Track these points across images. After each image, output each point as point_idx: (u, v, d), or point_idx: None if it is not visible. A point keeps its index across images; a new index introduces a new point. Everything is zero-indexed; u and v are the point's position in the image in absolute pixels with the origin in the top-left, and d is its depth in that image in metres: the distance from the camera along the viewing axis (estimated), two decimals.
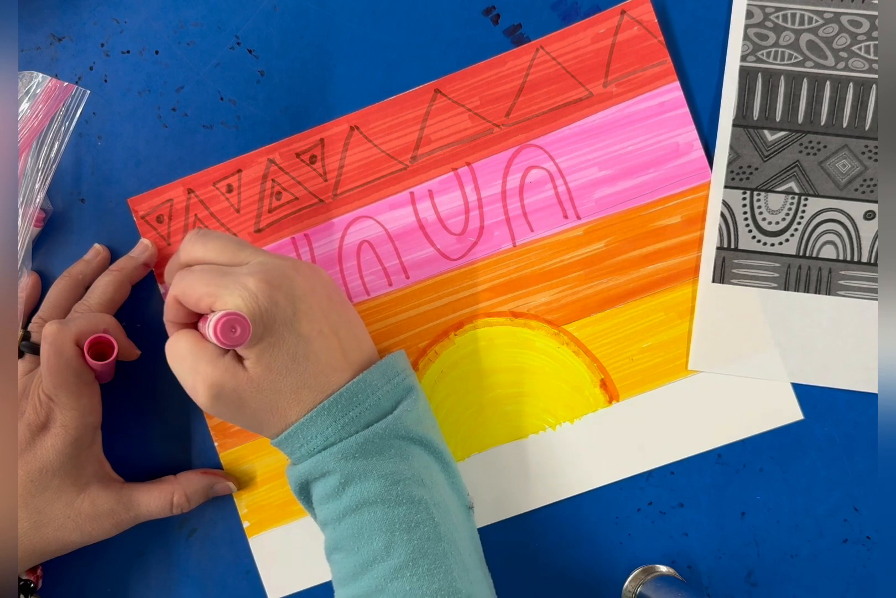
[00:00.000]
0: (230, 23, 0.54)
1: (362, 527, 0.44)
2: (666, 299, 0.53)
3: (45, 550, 0.49)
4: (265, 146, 0.53)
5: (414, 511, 0.44)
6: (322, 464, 0.44)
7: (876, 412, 0.52)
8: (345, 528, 0.44)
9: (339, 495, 0.44)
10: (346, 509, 0.44)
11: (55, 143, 0.49)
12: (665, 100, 0.53)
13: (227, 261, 0.46)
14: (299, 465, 0.45)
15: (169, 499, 0.50)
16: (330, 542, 0.46)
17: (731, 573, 0.52)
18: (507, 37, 0.53)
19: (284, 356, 0.44)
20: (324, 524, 0.46)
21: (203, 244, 0.46)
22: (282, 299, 0.44)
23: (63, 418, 0.47)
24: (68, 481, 0.48)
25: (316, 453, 0.45)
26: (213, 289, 0.43)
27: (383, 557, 0.43)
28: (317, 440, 0.45)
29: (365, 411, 0.45)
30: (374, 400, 0.45)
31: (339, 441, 0.44)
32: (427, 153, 0.53)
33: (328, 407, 0.44)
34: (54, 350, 0.46)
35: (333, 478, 0.44)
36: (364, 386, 0.45)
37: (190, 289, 0.44)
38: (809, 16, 0.52)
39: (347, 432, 0.44)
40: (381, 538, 0.43)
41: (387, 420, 0.45)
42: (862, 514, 0.52)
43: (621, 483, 0.53)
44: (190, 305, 0.45)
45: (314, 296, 0.45)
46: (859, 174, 0.52)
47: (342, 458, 0.44)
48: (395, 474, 0.44)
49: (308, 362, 0.44)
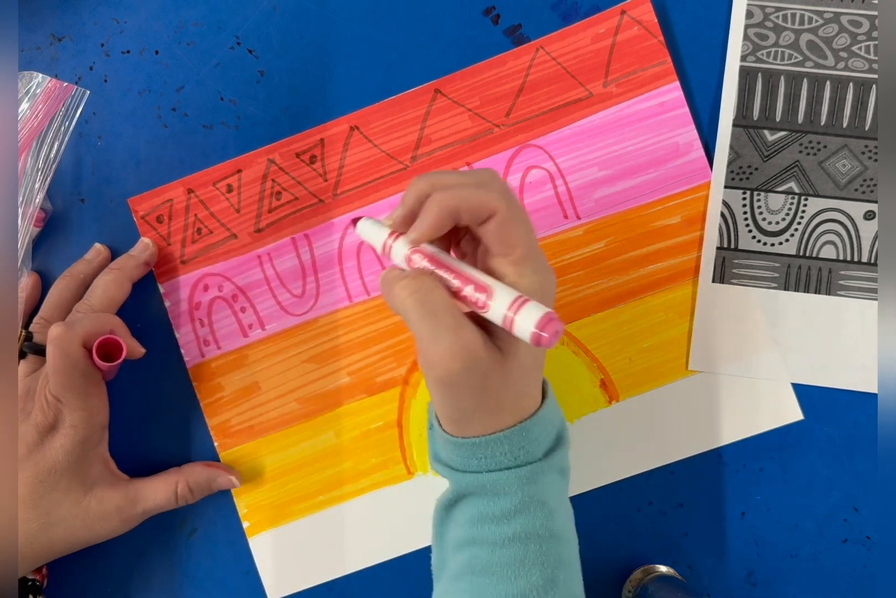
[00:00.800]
0: (230, 23, 0.54)
1: (525, 558, 0.41)
2: (666, 298, 0.53)
3: (53, 549, 0.49)
4: (265, 146, 0.53)
5: (563, 548, 0.42)
6: (504, 483, 0.41)
7: (876, 412, 0.52)
8: (505, 554, 0.41)
9: (508, 519, 0.41)
10: (514, 536, 0.41)
11: (55, 143, 0.49)
12: (665, 100, 0.53)
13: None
14: (471, 474, 0.42)
15: (173, 490, 0.50)
16: (475, 563, 0.42)
17: (731, 573, 0.52)
18: (507, 37, 0.53)
19: (533, 359, 0.41)
20: (473, 543, 0.42)
21: (512, 206, 0.40)
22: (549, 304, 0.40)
23: (72, 418, 0.47)
24: (76, 480, 0.48)
25: (496, 470, 0.42)
26: (533, 253, 0.39)
27: (541, 593, 0.41)
28: (504, 457, 0.41)
29: (538, 439, 0.42)
30: (550, 428, 0.43)
31: (516, 465, 0.41)
32: (427, 153, 0.53)
33: (528, 428, 0.41)
34: (61, 352, 0.46)
35: (505, 500, 0.41)
36: (549, 415, 0.43)
37: (519, 228, 0.39)
38: (809, 16, 0.52)
39: (526, 457, 0.42)
40: (542, 574, 0.41)
41: (559, 452, 0.43)
42: (862, 514, 0.52)
43: (621, 483, 0.53)
44: (500, 237, 0.39)
45: None
46: (859, 174, 0.52)
47: (526, 482, 0.41)
48: (555, 512, 0.42)
49: (540, 373, 0.42)
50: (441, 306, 0.39)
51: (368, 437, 0.53)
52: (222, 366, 0.54)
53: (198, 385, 0.54)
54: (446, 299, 0.39)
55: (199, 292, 0.54)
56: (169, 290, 0.54)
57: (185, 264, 0.54)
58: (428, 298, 0.39)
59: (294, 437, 0.53)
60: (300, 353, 0.53)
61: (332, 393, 0.53)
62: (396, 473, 0.53)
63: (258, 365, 0.54)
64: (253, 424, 0.53)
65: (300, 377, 0.53)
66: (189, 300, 0.54)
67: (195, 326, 0.54)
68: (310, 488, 0.53)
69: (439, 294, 0.39)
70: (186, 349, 0.54)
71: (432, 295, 0.39)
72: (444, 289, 0.39)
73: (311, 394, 0.53)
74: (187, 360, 0.54)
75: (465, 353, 0.38)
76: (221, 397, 0.54)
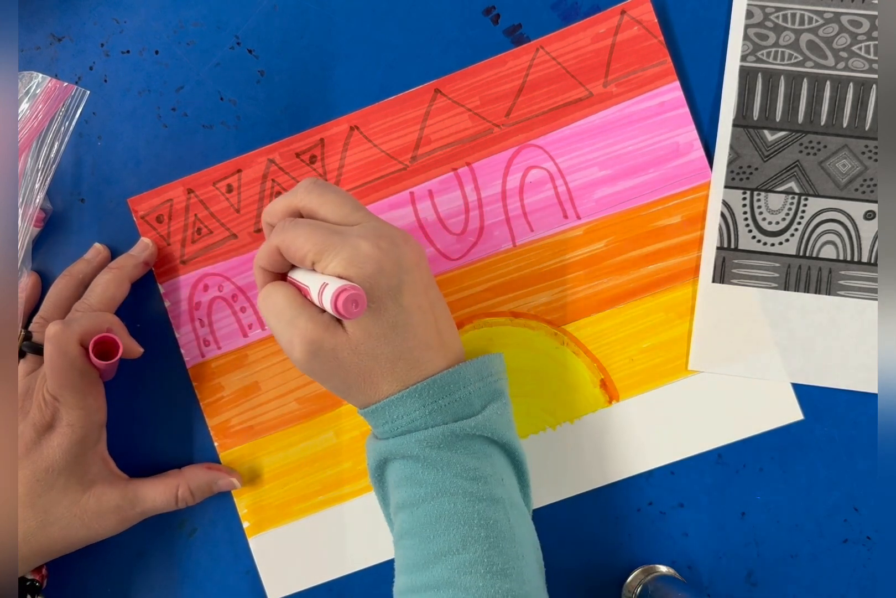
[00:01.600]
0: (230, 23, 0.54)
1: (440, 516, 0.43)
2: (666, 299, 0.53)
3: (51, 548, 0.49)
4: (265, 146, 0.53)
5: (493, 509, 0.43)
6: (406, 447, 0.44)
7: (876, 412, 0.52)
8: (421, 514, 0.43)
9: (419, 480, 0.44)
10: (426, 495, 0.43)
11: (55, 143, 0.49)
12: (665, 100, 0.53)
13: (340, 220, 0.44)
14: (382, 441, 0.45)
15: (173, 493, 0.50)
16: (403, 526, 0.44)
17: (731, 573, 0.52)
18: (507, 37, 0.53)
19: (384, 324, 0.43)
20: (399, 507, 0.45)
21: (320, 196, 0.45)
22: (389, 268, 0.43)
23: (69, 417, 0.47)
24: (74, 479, 0.48)
25: (400, 434, 0.44)
26: (321, 247, 0.42)
27: (458, 550, 0.42)
28: (402, 420, 0.44)
29: (454, 403, 0.44)
30: (464, 394, 0.44)
31: (424, 427, 0.44)
32: (427, 153, 0.53)
33: (420, 390, 0.44)
34: (58, 351, 0.46)
35: (415, 463, 0.44)
36: (458, 378, 0.44)
37: (297, 242, 0.43)
38: (809, 16, 0.52)
39: (434, 420, 0.44)
40: (458, 531, 0.43)
41: (476, 418, 0.44)
42: (862, 514, 0.52)
43: (621, 483, 0.53)
44: (292, 257, 0.44)
45: (419, 270, 0.45)
46: (859, 174, 0.52)
47: (427, 445, 0.43)
48: (478, 471, 0.44)
49: (406, 334, 0.44)
50: (280, 307, 0.44)
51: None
52: (222, 366, 0.54)
53: (198, 385, 0.54)
54: (286, 300, 0.44)
55: (199, 292, 0.54)
56: (169, 290, 0.54)
57: (185, 264, 0.54)
58: (271, 303, 0.44)
59: (294, 437, 0.53)
60: None
61: (332, 393, 0.53)
62: None
63: (258, 365, 0.54)
64: (253, 424, 0.53)
65: (300, 377, 0.53)
66: (189, 300, 0.54)
67: (195, 326, 0.54)
68: (310, 489, 0.53)
69: (279, 297, 0.44)
70: (186, 349, 0.54)
71: (274, 300, 0.44)
72: (285, 294, 0.44)
73: (311, 394, 0.53)
74: (187, 360, 0.54)
75: (302, 339, 0.43)
76: (221, 397, 0.54)
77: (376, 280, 0.42)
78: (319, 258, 0.43)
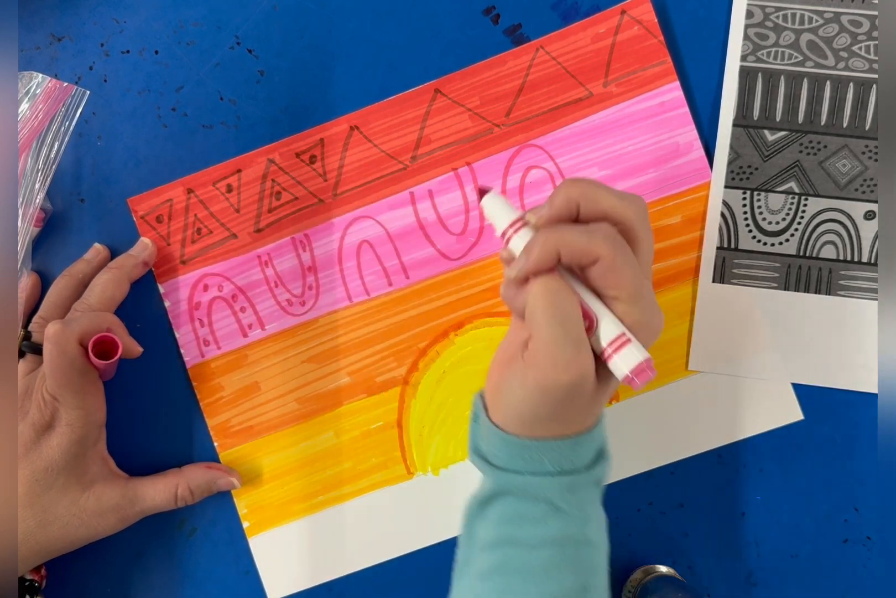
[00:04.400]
0: (230, 23, 0.54)
1: (561, 561, 0.41)
2: (666, 299, 0.53)
3: (51, 548, 0.49)
4: (265, 146, 0.53)
5: (593, 553, 0.42)
6: (546, 488, 0.42)
7: (876, 412, 0.52)
8: (541, 556, 0.41)
9: (546, 522, 0.42)
10: (552, 539, 0.42)
11: (55, 143, 0.49)
12: (665, 100, 0.53)
13: (644, 264, 0.40)
14: (513, 474, 0.42)
15: (173, 492, 0.50)
16: (508, 563, 0.42)
17: (731, 573, 0.52)
18: (507, 37, 0.53)
19: (616, 388, 0.42)
20: (506, 543, 0.42)
21: (650, 231, 0.40)
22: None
23: (69, 417, 0.47)
24: (73, 479, 0.48)
25: (543, 475, 0.42)
26: (637, 293, 0.38)
27: (578, 596, 0.41)
28: (557, 464, 0.42)
29: (586, 455, 0.43)
30: (595, 446, 0.43)
31: (561, 473, 0.42)
32: (427, 153, 0.53)
33: (577, 442, 0.42)
34: (58, 350, 0.46)
35: (548, 504, 0.42)
36: (600, 431, 0.43)
37: (625, 272, 0.38)
38: (809, 16, 0.52)
39: (568, 469, 0.42)
40: (576, 579, 0.41)
41: (602, 466, 0.43)
42: (862, 514, 0.52)
43: (621, 483, 0.53)
44: (606, 281, 0.39)
45: None
46: (859, 174, 0.52)
47: (568, 491, 0.42)
48: (592, 518, 0.43)
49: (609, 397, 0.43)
50: (571, 315, 0.38)
51: (368, 437, 0.53)
52: (222, 366, 0.54)
53: (198, 385, 0.54)
54: (577, 310, 0.39)
55: (198, 292, 0.54)
56: (169, 290, 0.54)
57: (184, 264, 0.54)
58: (560, 302, 0.38)
59: (294, 437, 0.53)
60: (300, 353, 0.53)
61: (332, 393, 0.53)
62: (396, 473, 0.53)
63: (258, 365, 0.54)
64: (253, 424, 0.53)
65: (300, 377, 0.53)
66: (189, 300, 0.54)
67: (195, 326, 0.54)
68: (310, 489, 0.53)
69: (572, 303, 0.39)
70: (186, 349, 0.54)
71: (565, 301, 0.39)
72: (574, 306, 0.39)
73: (311, 394, 0.53)
74: (187, 360, 0.54)
75: (579, 371, 0.38)
76: (221, 397, 0.54)
77: None
78: (628, 302, 0.39)
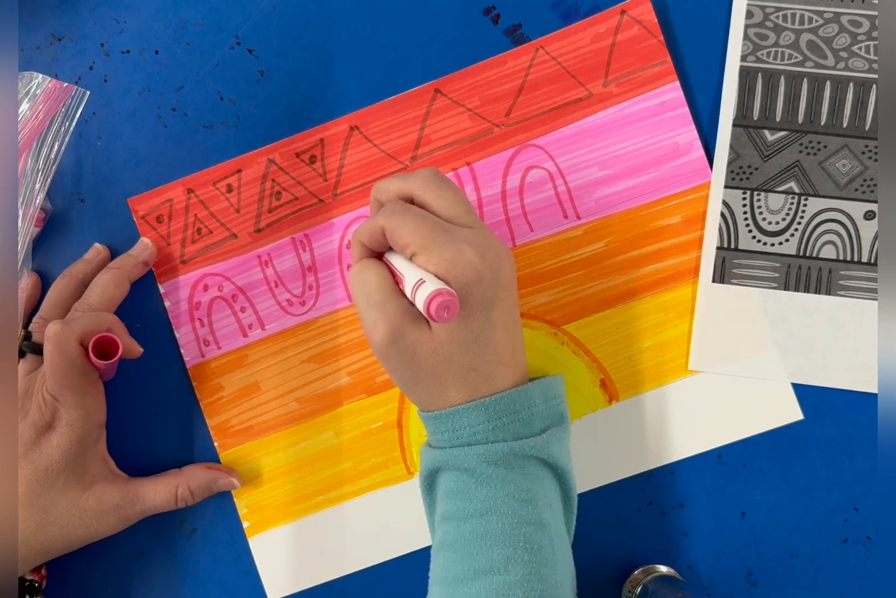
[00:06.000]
0: (230, 23, 0.54)
1: (486, 534, 0.43)
2: (666, 298, 0.53)
3: (51, 548, 0.49)
4: (265, 146, 0.53)
5: (539, 534, 0.43)
6: (463, 459, 0.44)
7: (876, 412, 0.52)
8: (467, 529, 0.43)
9: (470, 495, 0.43)
10: (475, 511, 0.43)
11: (55, 143, 0.49)
12: (665, 100, 0.53)
13: (451, 218, 0.44)
14: (438, 450, 0.45)
15: (173, 492, 0.50)
16: (445, 538, 0.44)
17: (731, 573, 0.52)
18: (507, 37, 0.53)
19: (469, 334, 0.43)
20: (444, 518, 0.45)
21: (438, 189, 0.44)
22: (488, 280, 0.42)
23: (69, 417, 0.47)
24: (73, 479, 0.48)
25: (459, 445, 0.44)
26: (427, 242, 0.42)
27: (500, 570, 0.42)
28: (464, 432, 0.44)
29: (517, 422, 0.44)
30: (527, 414, 0.44)
31: (485, 442, 0.44)
32: (427, 153, 0.53)
33: (487, 404, 0.43)
34: (58, 350, 0.46)
35: (469, 477, 0.44)
36: (524, 397, 0.44)
37: (403, 229, 0.43)
38: (809, 16, 0.52)
39: (495, 436, 0.44)
40: (503, 551, 0.42)
41: (535, 439, 0.44)
42: (862, 514, 0.52)
43: (621, 483, 0.53)
44: (394, 243, 0.44)
45: (512, 288, 0.45)
46: (859, 174, 0.52)
47: (485, 460, 0.43)
48: (530, 493, 0.44)
49: (486, 348, 0.44)
50: (372, 286, 0.44)
51: (368, 437, 0.53)
52: (222, 366, 0.54)
53: (198, 385, 0.54)
54: (379, 282, 0.44)
55: (199, 292, 0.54)
56: (169, 290, 0.54)
57: (185, 264, 0.54)
58: (360, 278, 0.44)
59: (294, 437, 0.53)
60: (300, 353, 0.53)
61: (332, 393, 0.53)
62: (396, 473, 0.53)
63: (258, 365, 0.54)
64: (253, 424, 0.53)
65: (300, 377, 0.53)
66: (189, 300, 0.54)
67: (195, 326, 0.54)
68: (310, 489, 0.53)
69: (373, 276, 0.44)
70: (186, 349, 0.54)
71: (367, 277, 0.44)
72: (379, 274, 0.44)
73: (311, 394, 0.53)
74: (187, 360, 0.54)
75: (387, 325, 0.42)
76: (221, 397, 0.54)
77: (473, 289, 0.42)
78: (421, 252, 0.42)
